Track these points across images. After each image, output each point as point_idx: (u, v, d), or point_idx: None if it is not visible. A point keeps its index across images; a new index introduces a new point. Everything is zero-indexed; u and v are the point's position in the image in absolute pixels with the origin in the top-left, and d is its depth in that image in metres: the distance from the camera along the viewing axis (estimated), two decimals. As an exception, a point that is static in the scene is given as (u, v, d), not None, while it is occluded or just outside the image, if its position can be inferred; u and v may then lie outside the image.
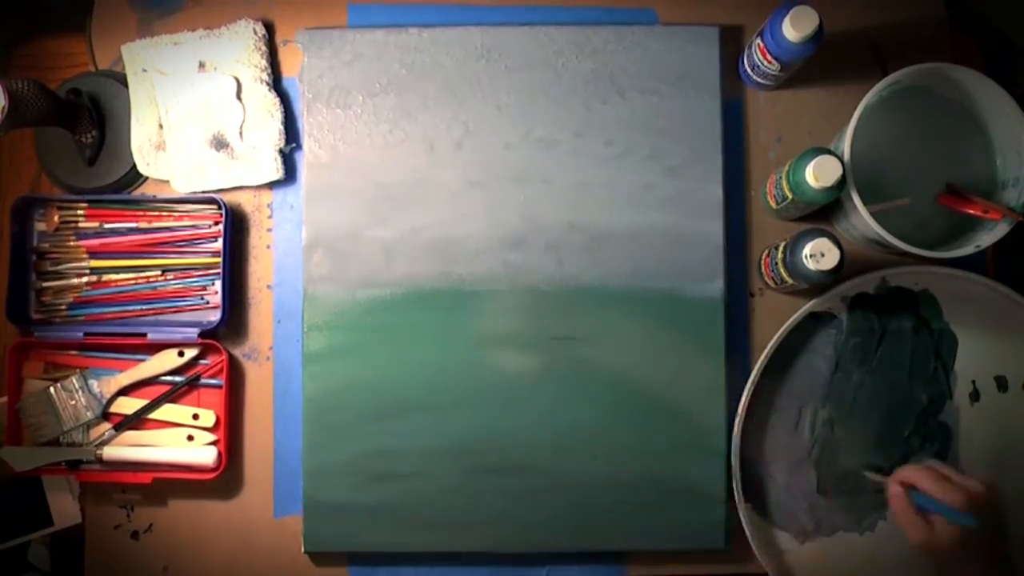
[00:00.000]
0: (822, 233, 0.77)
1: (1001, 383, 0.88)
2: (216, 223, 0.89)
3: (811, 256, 0.77)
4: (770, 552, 0.85)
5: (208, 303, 0.89)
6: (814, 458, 0.87)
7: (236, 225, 0.90)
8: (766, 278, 0.87)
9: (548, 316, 0.87)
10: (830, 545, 0.87)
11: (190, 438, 0.88)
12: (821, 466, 0.87)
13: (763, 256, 0.87)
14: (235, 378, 0.89)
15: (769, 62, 0.83)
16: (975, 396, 0.88)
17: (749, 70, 0.88)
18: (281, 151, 0.89)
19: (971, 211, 0.83)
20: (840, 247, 0.77)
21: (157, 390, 0.88)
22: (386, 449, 0.86)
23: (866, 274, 0.85)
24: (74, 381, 0.87)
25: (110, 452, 0.87)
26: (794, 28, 0.78)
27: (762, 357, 0.84)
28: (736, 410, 0.84)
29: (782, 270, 0.82)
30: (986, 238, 0.81)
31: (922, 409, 0.87)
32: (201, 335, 0.86)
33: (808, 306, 0.84)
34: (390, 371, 0.87)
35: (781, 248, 0.82)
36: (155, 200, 0.89)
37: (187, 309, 0.89)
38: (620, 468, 0.86)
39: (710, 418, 0.86)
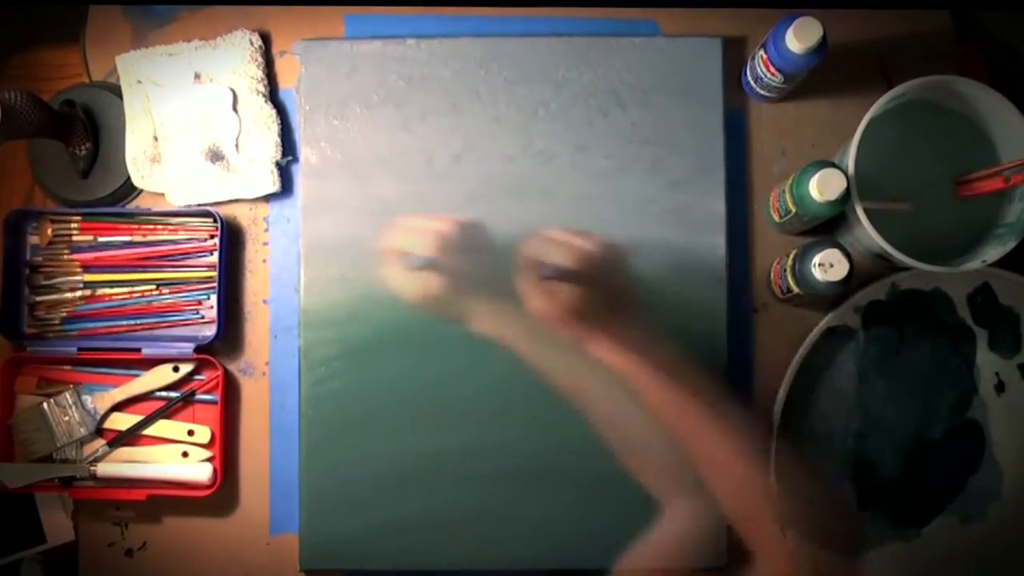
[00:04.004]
0: (832, 243, 0.76)
1: None
2: (212, 236, 0.88)
3: (820, 266, 0.76)
4: (818, 574, 0.84)
5: (203, 318, 0.88)
6: (851, 474, 0.86)
7: (232, 239, 0.89)
8: (775, 288, 0.86)
9: (548, 329, 0.85)
10: (879, 557, 0.86)
11: (185, 455, 0.86)
12: (860, 481, 0.86)
13: (773, 265, 0.86)
14: (231, 394, 0.88)
15: (772, 74, 0.82)
16: (1000, 388, 0.87)
17: (752, 82, 0.87)
18: (277, 163, 0.88)
19: (995, 188, 0.81)
20: (850, 258, 0.76)
21: (152, 406, 0.87)
22: (384, 465, 0.85)
23: (876, 282, 0.84)
24: (67, 396, 0.86)
25: (104, 469, 0.86)
26: (798, 39, 0.77)
27: (785, 380, 0.83)
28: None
29: (790, 280, 0.81)
30: (992, 253, 0.80)
31: (950, 408, 0.86)
32: (196, 350, 0.85)
33: (824, 321, 0.84)
34: (389, 385, 0.86)
35: (791, 257, 0.81)
36: (150, 213, 0.88)
37: (182, 324, 0.88)
38: (619, 484, 0.85)
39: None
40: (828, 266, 0.76)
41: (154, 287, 0.87)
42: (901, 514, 0.87)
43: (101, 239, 0.88)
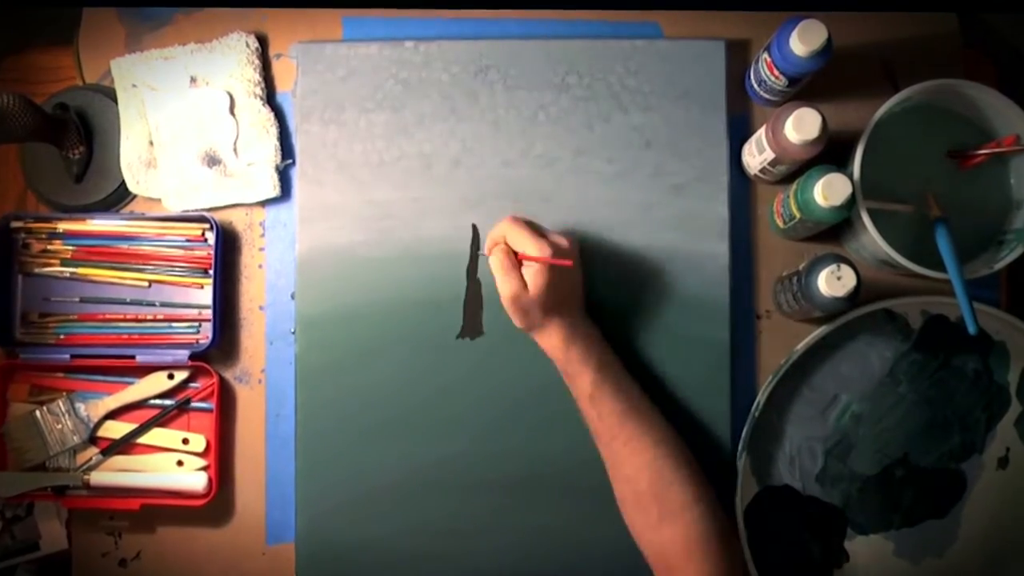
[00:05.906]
0: (838, 258, 0.75)
1: None
2: (207, 242, 0.86)
3: (826, 282, 0.74)
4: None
5: (198, 325, 0.86)
6: (827, 447, 0.85)
7: (227, 244, 0.88)
8: (781, 303, 0.84)
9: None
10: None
11: (180, 463, 0.85)
12: (831, 457, 0.85)
13: (777, 280, 0.85)
14: (226, 401, 0.87)
15: (776, 77, 0.81)
16: (1004, 462, 0.86)
17: (756, 85, 0.85)
18: (277, 167, 0.86)
19: (991, 151, 0.80)
20: (857, 274, 0.75)
21: (146, 414, 0.86)
22: (381, 473, 0.85)
23: (953, 299, 0.79)
24: (60, 404, 0.85)
25: (97, 477, 0.85)
26: (802, 42, 0.76)
27: (819, 330, 0.82)
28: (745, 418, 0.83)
29: (795, 295, 0.79)
30: (1000, 259, 0.79)
31: (948, 450, 0.85)
32: (191, 357, 0.85)
33: (888, 302, 0.82)
34: (386, 393, 0.85)
35: (798, 268, 0.80)
36: (144, 218, 0.87)
37: (177, 332, 0.86)
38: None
39: (714, 440, 0.84)
40: (835, 281, 0.75)
41: (147, 285, 0.87)
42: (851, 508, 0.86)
43: (95, 243, 0.87)
